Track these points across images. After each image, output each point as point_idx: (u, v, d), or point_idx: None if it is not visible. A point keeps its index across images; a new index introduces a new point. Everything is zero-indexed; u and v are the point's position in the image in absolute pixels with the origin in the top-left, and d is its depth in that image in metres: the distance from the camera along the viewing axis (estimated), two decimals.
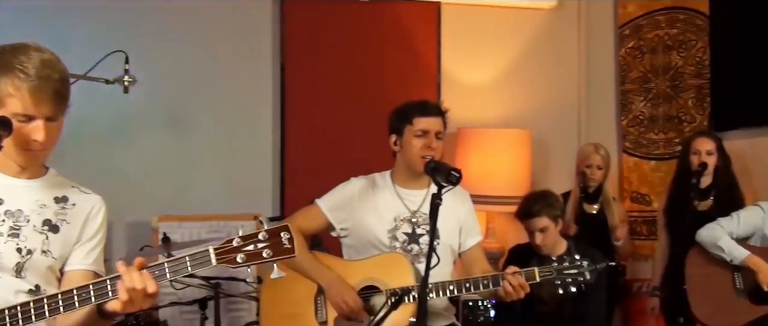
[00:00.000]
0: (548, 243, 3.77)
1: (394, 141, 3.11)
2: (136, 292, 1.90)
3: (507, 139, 4.85)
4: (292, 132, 4.82)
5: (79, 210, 2.15)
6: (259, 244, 1.93)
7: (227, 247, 1.93)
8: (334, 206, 3.14)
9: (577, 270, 2.93)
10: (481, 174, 4.73)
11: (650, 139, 5.17)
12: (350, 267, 3.08)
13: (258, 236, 1.94)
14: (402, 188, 3.14)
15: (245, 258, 1.93)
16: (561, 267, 2.93)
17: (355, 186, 3.16)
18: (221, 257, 1.92)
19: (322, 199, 3.17)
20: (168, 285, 3.78)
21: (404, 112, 3.09)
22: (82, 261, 2.15)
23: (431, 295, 2.91)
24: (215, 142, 4.74)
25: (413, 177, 3.11)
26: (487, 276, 2.95)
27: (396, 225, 3.09)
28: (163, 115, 4.66)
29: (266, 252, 1.93)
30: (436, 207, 2.63)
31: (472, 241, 3.22)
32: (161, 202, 4.52)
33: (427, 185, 3.13)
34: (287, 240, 1.94)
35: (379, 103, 3.18)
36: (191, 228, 4.41)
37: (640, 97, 5.20)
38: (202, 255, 1.92)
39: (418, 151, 3.02)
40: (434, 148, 3.03)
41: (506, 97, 5.22)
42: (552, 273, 2.93)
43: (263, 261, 1.93)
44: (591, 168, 4.53)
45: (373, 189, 3.15)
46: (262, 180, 4.80)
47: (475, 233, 3.24)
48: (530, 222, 3.81)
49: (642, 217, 5.16)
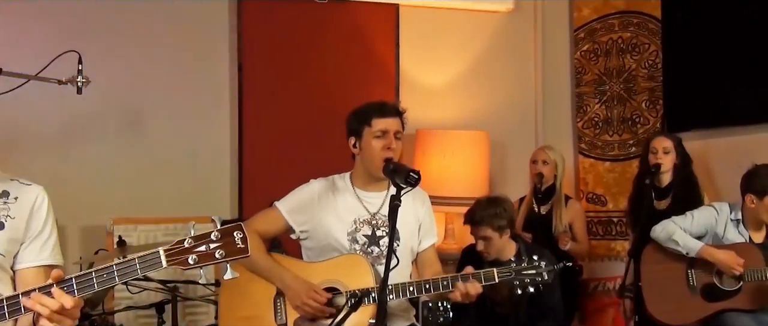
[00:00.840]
0: (491, 252, 3.80)
1: (353, 143, 3.09)
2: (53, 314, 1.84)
3: (465, 141, 4.86)
4: (250, 133, 4.78)
5: (22, 204, 2.11)
6: (212, 245, 1.89)
7: (178, 248, 1.88)
8: (294, 208, 3.11)
9: (535, 271, 2.93)
10: (440, 175, 4.73)
11: (605, 140, 5.22)
12: (310, 269, 3.05)
13: (210, 236, 1.89)
14: (361, 190, 3.13)
15: (197, 260, 1.88)
16: (520, 268, 2.93)
17: (314, 188, 3.13)
18: (172, 259, 1.87)
19: (281, 202, 3.14)
20: (123, 289, 3.71)
21: (362, 113, 3.07)
22: (36, 257, 2.11)
23: (391, 296, 2.89)
24: (171, 144, 4.69)
25: (373, 179, 3.09)
26: (447, 277, 2.94)
27: (356, 227, 3.07)
28: (117, 116, 4.60)
29: (219, 252, 1.89)
30: (396, 208, 2.61)
31: (428, 242, 3.21)
32: (116, 205, 4.46)
33: (387, 187, 3.12)
34: (240, 239, 1.90)
35: (338, 104, 3.16)
36: (147, 231, 4.35)
37: (595, 100, 5.25)
38: (151, 257, 1.88)
39: (378, 152, 3.00)
40: (394, 148, 3.01)
41: (464, 99, 5.23)
42: (511, 273, 2.93)
43: (216, 261, 1.89)
44: (536, 163, 4.58)
45: (333, 192, 3.12)
46: (219, 182, 4.76)
47: (432, 234, 3.23)
48: (473, 229, 3.84)
49: (597, 218, 5.20)
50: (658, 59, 5.02)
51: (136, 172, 4.61)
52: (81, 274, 1.88)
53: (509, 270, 2.93)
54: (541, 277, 2.92)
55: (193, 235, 1.89)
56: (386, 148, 2.99)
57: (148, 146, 4.65)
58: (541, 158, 4.59)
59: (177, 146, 4.70)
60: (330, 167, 3.25)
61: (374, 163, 3.01)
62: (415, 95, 5.03)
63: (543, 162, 4.58)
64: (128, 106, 4.62)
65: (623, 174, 5.09)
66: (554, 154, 4.61)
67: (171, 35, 4.66)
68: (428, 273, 3.14)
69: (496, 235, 3.76)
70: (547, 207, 4.58)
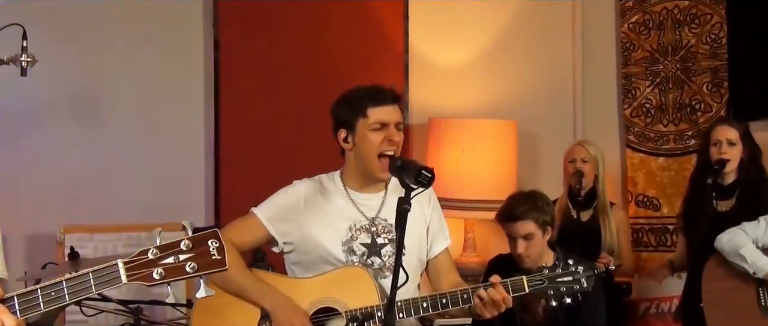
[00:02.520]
0: (532, 254, 3.76)
1: (344, 137, 3.09)
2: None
3: (488, 132, 4.85)
4: (228, 124, 4.79)
5: None
6: (182, 256, 1.88)
7: (141, 260, 1.88)
8: (276, 216, 3.11)
9: (572, 278, 2.94)
10: (457, 173, 4.73)
11: (658, 131, 5.21)
12: (301, 286, 3.05)
13: (179, 245, 1.89)
14: (355, 192, 3.14)
15: (164, 274, 1.88)
16: (554, 275, 2.94)
17: (299, 190, 3.14)
18: (134, 273, 1.87)
19: (260, 208, 3.14)
20: (76, 311, 3.71)
21: (354, 101, 3.07)
22: None
23: (400, 316, 2.90)
24: (135, 139, 4.70)
25: (369, 179, 3.10)
26: (466, 289, 2.94)
27: (352, 235, 3.08)
28: (70, 103, 4.61)
29: (190, 265, 1.88)
30: (405, 213, 2.61)
31: (440, 246, 3.22)
32: (68, 210, 4.47)
33: (385, 187, 3.15)
34: (216, 249, 1.90)
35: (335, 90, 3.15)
36: (105, 242, 4.36)
37: (646, 82, 5.23)
38: (109, 271, 1.87)
39: (378, 147, 3.01)
40: (397, 141, 3.02)
41: (487, 82, 5.23)
42: (543, 282, 2.93)
43: (186, 276, 1.89)
44: (574, 162, 4.57)
45: (322, 194, 3.13)
46: (192, 184, 4.79)
47: (443, 236, 3.24)
48: (513, 227, 3.79)
49: (649, 225, 5.19)
50: (722, 33, 5.00)
51: (91, 171, 4.61)
52: (24, 292, 1.89)
53: (541, 277, 2.93)
54: (579, 285, 2.93)
55: (159, 245, 1.89)
56: (387, 141, 3.00)
57: (106, 141, 4.65)
58: (580, 156, 4.57)
59: (141, 141, 4.71)
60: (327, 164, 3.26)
61: (372, 161, 3.02)
62: (428, 78, 5.03)
63: (582, 160, 4.56)
64: (83, 92, 4.62)
65: (680, 171, 5.08)
66: (594, 149, 4.61)
67: (135, 8, 4.67)
68: (445, 283, 3.14)
69: (539, 233, 3.75)
70: (589, 214, 4.58)
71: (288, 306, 2.98)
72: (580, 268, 2.94)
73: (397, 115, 3.06)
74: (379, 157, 3.00)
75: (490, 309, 2.90)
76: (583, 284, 2.93)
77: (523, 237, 3.75)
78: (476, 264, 4.75)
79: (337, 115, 3.11)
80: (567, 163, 4.63)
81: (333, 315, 2.99)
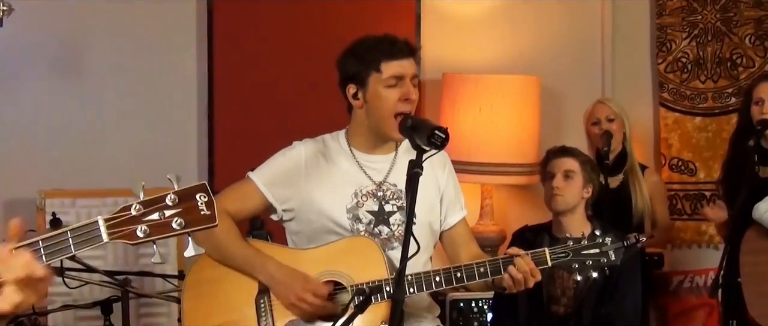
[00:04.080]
0: (566, 194, 3.82)
1: (354, 93, 3.08)
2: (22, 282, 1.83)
3: (508, 88, 4.83)
4: (224, 82, 4.78)
5: None
6: (167, 211, 1.86)
7: (123, 217, 1.85)
8: (274, 180, 3.11)
9: (599, 250, 2.94)
10: (473, 134, 4.73)
11: (695, 88, 5.19)
12: (302, 258, 3.05)
13: (165, 200, 1.86)
14: (362, 153, 3.14)
15: (148, 232, 1.85)
16: (578, 247, 2.94)
17: (300, 152, 3.14)
18: (115, 231, 1.85)
19: (257, 172, 3.14)
20: (59, 283, 3.74)
21: (366, 53, 3.06)
22: None
23: (411, 291, 2.90)
24: (122, 96, 4.71)
25: (378, 140, 3.10)
26: (483, 261, 2.95)
27: (357, 201, 3.08)
28: (51, 57, 4.61)
29: (177, 221, 1.86)
30: (416, 178, 2.61)
31: (455, 217, 3.23)
32: (49, 173, 4.49)
33: (395, 148, 3.14)
34: (205, 204, 1.87)
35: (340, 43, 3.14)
36: (89, 207, 4.36)
37: (683, 34, 5.20)
38: (89, 229, 1.86)
39: (394, 104, 3.00)
40: (414, 99, 3.01)
41: (507, 33, 5.20)
42: (567, 254, 2.94)
43: (173, 233, 1.86)
44: (599, 123, 4.57)
45: (325, 156, 3.13)
46: (184, 146, 4.79)
47: (459, 205, 3.25)
48: (556, 162, 3.85)
49: (684, 191, 5.18)
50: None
51: (74, 131, 4.63)
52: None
53: (565, 250, 2.94)
54: (606, 258, 2.94)
55: (143, 200, 1.87)
56: (404, 99, 2.99)
57: (90, 96, 4.66)
58: (605, 115, 4.57)
59: (128, 96, 4.71)
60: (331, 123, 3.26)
61: (387, 120, 3.01)
62: (442, 29, 5.00)
63: (607, 119, 4.55)
64: (65, 45, 4.62)
65: (719, 133, 5.06)
66: (617, 106, 4.60)
67: None
68: (464, 256, 3.15)
69: (580, 179, 3.83)
70: (619, 179, 4.58)
71: (289, 275, 2.99)
72: (607, 239, 2.94)
73: (412, 69, 3.05)
74: (396, 117, 2.98)
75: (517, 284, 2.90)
76: (611, 257, 2.93)
77: (564, 173, 3.79)
78: (493, 234, 4.76)
79: (344, 68, 3.10)
80: (590, 125, 4.63)
81: (338, 289, 3.00)
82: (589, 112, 4.68)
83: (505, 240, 4.63)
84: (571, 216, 3.87)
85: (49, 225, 3.94)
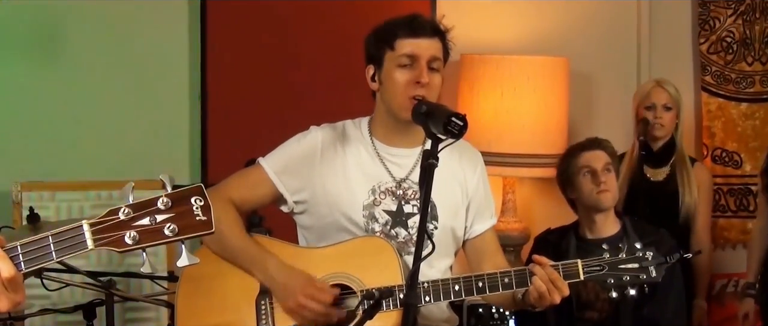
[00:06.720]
0: (613, 190, 3.88)
1: (372, 74, 3.10)
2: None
3: (533, 71, 4.83)
4: (217, 64, 4.78)
5: None
6: (159, 216, 1.88)
7: (110, 222, 1.87)
8: (286, 168, 3.12)
9: (638, 264, 2.93)
10: (495, 121, 4.74)
11: (742, 71, 5.19)
12: (310, 257, 3.06)
13: (156, 204, 1.88)
14: (384, 145, 3.14)
15: (138, 238, 1.87)
16: (615, 260, 2.93)
17: (316, 138, 3.14)
18: (101, 237, 1.87)
19: (268, 158, 3.16)
20: (36, 285, 3.75)
21: (384, 31, 3.08)
22: None
23: (427, 299, 2.91)
24: (108, 80, 4.71)
25: (401, 129, 3.10)
26: (508, 271, 2.95)
27: (375, 198, 3.08)
28: (32, 38, 4.61)
29: (169, 227, 1.88)
30: (431, 169, 2.61)
31: (483, 225, 3.23)
32: (26, 164, 4.51)
33: (423, 142, 3.11)
34: (201, 208, 1.89)
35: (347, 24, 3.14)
36: (70, 201, 4.38)
37: (728, 11, 5.20)
38: (72, 234, 1.87)
39: (403, 87, 2.99)
40: (426, 82, 2.99)
41: (531, 11, 5.22)
42: (602, 268, 2.93)
43: (165, 240, 1.89)
44: (654, 109, 4.55)
45: (343, 145, 3.14)
46: (174, 134, 4.80)
47: (488, 213, 3.26)
48: (592, 154, 3.88)
49: (728, 185, 5.19)
50: None
51: (55, 118, 4.64)
52: None
53: (600, 263, 2.92)
54: (647, 274, 2.93)
55: (133, 203, 1.88)
56: (413, 82, 2.99)
57: (74, 82, 4.66)
58: (662, 101, 4.54)
59: (114, 79, 4.72)
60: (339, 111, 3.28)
61: (396, 103, 3.02)
62: (459, 5, 4.99)
63: (664, 107, 4.53)
64: (47, 24, 4.63)
65: (767, 120, 5.05)
66: (675, 91, 4.58)
67: None
68: (488, 266, 3.14)
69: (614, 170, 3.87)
70: (665, 172, 4.58)
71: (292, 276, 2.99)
72: (648, 254, 2.93)
73: (431, 49, 3.02)
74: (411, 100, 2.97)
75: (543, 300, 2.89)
76: (651, 273, 2.93)
77: (605, 167, 3.82)
78: (516, 232, 4.77)
79: (366, 48, 3.13)
80: (642, 108, 4.59)
81: (347, 293, 3.00)
82: (644, 93, 4.64)
83: (529, 239, 4.65)
84: (605, 214, 3.88)
85: (25, 221, 3.94)
